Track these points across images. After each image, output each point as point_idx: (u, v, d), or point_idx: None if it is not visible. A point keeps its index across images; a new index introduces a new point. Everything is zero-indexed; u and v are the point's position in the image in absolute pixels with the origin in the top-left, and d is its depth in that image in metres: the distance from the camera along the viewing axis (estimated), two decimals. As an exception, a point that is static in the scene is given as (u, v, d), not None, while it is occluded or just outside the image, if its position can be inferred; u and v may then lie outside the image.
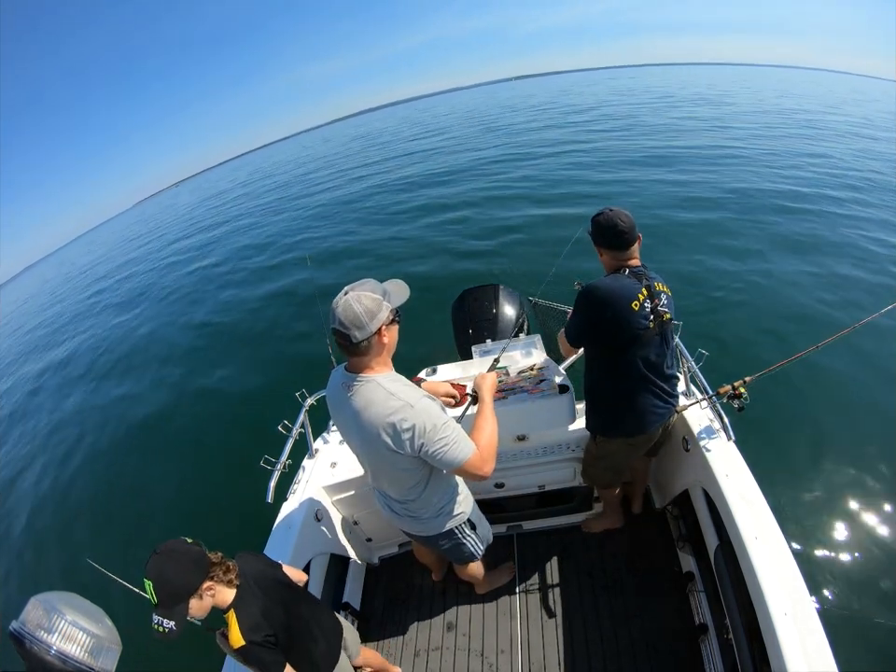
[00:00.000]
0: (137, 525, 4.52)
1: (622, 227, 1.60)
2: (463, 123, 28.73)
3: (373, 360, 1.29)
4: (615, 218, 1.61)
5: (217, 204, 27.35)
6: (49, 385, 9.18)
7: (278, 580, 1.39)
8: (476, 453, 1.30)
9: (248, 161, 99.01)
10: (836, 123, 18.96)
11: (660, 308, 1.64)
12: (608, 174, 11.63)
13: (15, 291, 45.35)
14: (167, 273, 14.11)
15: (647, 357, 1.69)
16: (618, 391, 1.78)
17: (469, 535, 1.68)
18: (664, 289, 1.68)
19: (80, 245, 76.48)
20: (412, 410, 1.23)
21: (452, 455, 1.26)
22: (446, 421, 1.27)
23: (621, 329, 1.61)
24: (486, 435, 1.37)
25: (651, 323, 1.62)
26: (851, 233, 7.08)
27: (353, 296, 1.21)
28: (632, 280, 1.63)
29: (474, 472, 1.31)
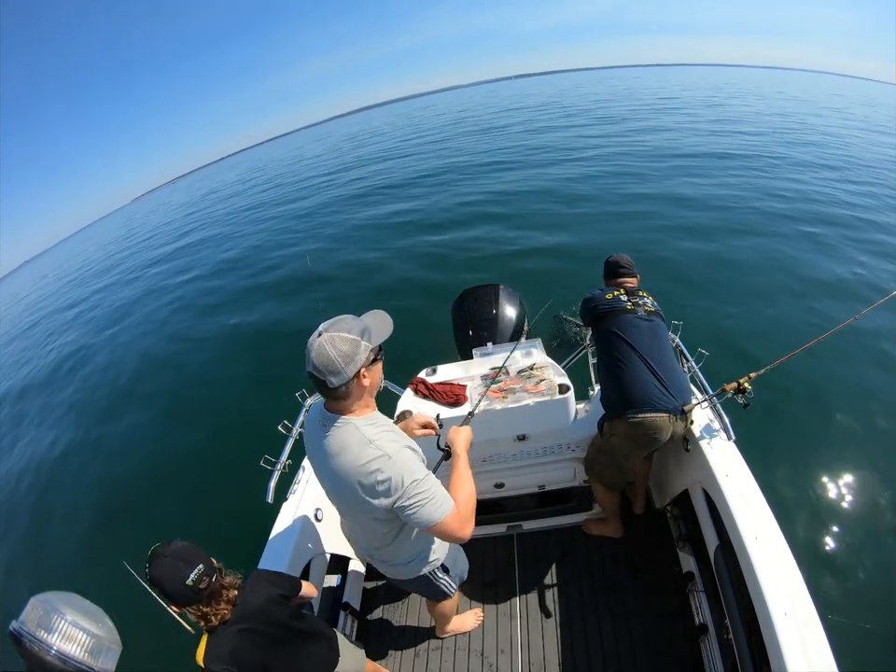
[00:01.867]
0: (137, 525, 4.51)
1: (622, 264, 2.20)
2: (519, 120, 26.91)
3: (353, 403, 1.20)
4: (620, 259, 2.22)
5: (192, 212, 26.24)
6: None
7: (277, 621, 1.31)
8: (454, 512, 1.19)
9: (240, 159, 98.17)
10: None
11: (639, 301, 2.05)
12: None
13: (12, 286, 44.89)
14: (168, 274, 14.10)
15: (636, 339, 1.93)
16: (615, 372, 1.96)
17: (442, 578, 1.62)
18: (647, 297, 2.11)
19: (77, 241, 76.10)
20: (388, 461, 1.14)
21: (427, 513, 1.16)
22: (425, 476, 1.17)
23: (598, 308, 2.07)
24: (464, 494, 1.25)
25: (629, 305, 2.03)
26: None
27: (326, 338, 1.11)
28: (613, 287, 2.16)
29: (451, 534, 1.20)
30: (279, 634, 1.30)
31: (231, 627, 1.20)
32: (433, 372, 2.25)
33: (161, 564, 1.10)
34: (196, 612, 1.16)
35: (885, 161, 11.95)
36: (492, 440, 2.12)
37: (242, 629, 1.21)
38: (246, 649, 1.20)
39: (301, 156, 39.00)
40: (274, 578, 1.40)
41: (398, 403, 2.10)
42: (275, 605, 1.31)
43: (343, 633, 2.13)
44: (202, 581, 1.12)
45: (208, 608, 1.17)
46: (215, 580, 1.17)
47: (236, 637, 1.19)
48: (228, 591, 1.22)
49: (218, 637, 1.18)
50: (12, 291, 34.50)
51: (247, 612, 1.23)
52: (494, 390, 2.00)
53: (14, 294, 30.08)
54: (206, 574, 1.14)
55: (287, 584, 1.42)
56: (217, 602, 1.19)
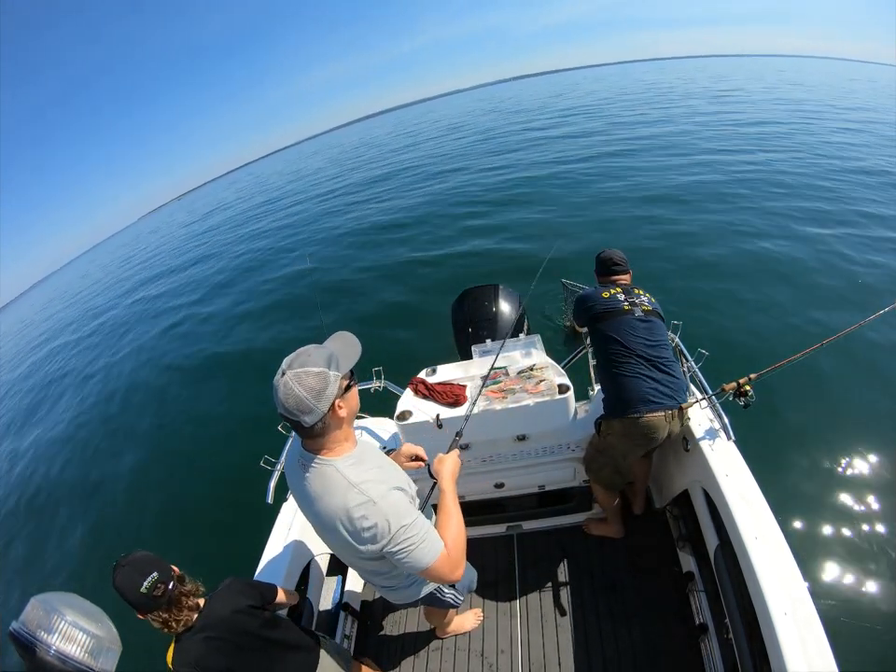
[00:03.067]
0: (136, 526, 4.52)
1: (615, 260, 2.17)
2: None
3: (331, 440, 1.13)
4: (613, 254, 2.19)
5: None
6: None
7: (245, 630, 1.30)
8: (443, 555, 1.13)
9: (241, 176, 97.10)
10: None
11: (636, 301, 2.00)
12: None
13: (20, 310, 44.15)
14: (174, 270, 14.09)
15: (633, 339, 1.91)
16: (612, 374, 1.95)
17: (449, 592, 1.60)
18: (644, 294, 2.06)
19: (84, 262, 75.42)
20: (374, 507, 1.07)
21: (416, 558, 1.10)
22: (413, 520, 1.11)
23: (595, 307, 2.03)
24: (453, 533, 1.19)
25: (626, 305, 1.98)
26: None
27: (291, 375, 1.02)
28: (608, 285, 2.13)
29: (441, 577, 1.16)
30: (246, 643, 1.29)
31: (198, 635, 1.20)
32: (433, 372, 2.25)
33: (119, 573, 1.12)
34: (157, 619, 1.17)
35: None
36: (492, 440, 2.12)
37: (208, 637, 1.21)
38: (212, 656, 1.21)
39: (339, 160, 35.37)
40: (245, 587, 1.39)
41: (398, 403, 2.10)
42: (243, 615, 1.30)
43: (342, 633, 2.14)
44: (156, 588, 1.13)
45: (167, 614, 1.17)
46: (172, 587, 1.17)
47: (202, 645, 1.20)
48: (188, 598, 1.22)
49: (185, 642, 1.20)
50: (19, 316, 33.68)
51: (212, 621, 1.24)
52: (493, 390, 2.00)
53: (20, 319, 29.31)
54: (161, 581, 1.14)
55: (257, 594, 1.41)
56: (178, 609, 1.19)
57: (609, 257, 2.17)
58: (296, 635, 1.47)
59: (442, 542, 1.15)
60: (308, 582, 2.01)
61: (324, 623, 2.04)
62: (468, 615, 2.21)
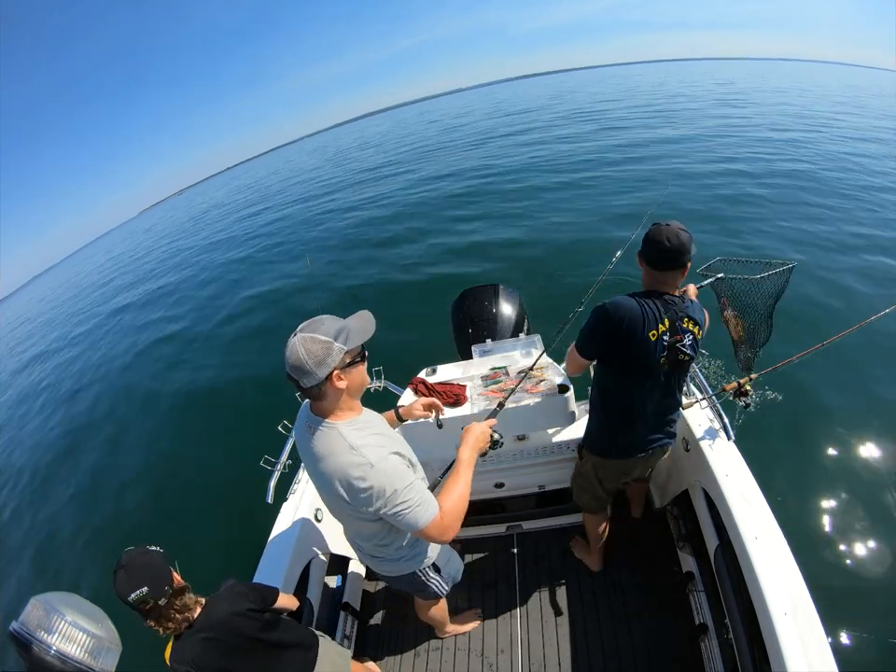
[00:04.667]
0: (136, 524, 4.52)
1: (665, 246, 1.45)
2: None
3: (333, 405, 1.20)
4: (661, 235, 1.47)
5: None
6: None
7: (242, 633, 1.30)
8: (436, 519, 1.18)
9: (238, 173, 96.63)
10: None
11: (679, 346, 1.53)
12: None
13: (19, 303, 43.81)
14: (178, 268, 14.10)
15: (647, 397, 1.64)
16: (602, 414, 1.79)
17: (433, 577, 1.61)
18: (692, 329, 1.55)
19: (82, 256, 76.05)
20: (371, 469, 1.13)
21: (411, 519, 1.16)
22: (409, 483, 1.16)
23: (628, 351, 1.53)
24: (453, 498, 1.24)
25: (662, 359, 1.53)
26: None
27: (299, 338, 1.10)
28: (658, 306, 1.52)
29: (432, 539, 1.22)
30: (243, 645, 1.29)
31: (196, 635, 1.20)
32: (433, 372, 2.25)
33: (116, 575, 1.10)
34: (148, 622, 1.17)
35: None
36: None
37: (206, 637, 1.21)
38: (209, 656, 1.21)
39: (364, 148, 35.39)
40: (246, 590, 1.38)
41: (397, 403, 2.10)
42: (241, 618, 1.30)
43: (342, 633, 2.14)
44: (143, 602, 1.11)
45: (154, 622, 1.16)
46: (163, 602, 1.14)
47: (198, 645, 1.20)
48: (179, 612, 1.20)
49: (183, 641, 1.20)
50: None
51: (211, 623, 1.24)
52: (494, 390, 2.00)
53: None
54: (150, 597, 1.11)
55: (258, 597, 1.40)
56: (165, 619, 1.17)
57: (657, 238, 1.47)
58: (294, 635, 1.47)
59: (437, 507, 1.19)
60: (308, 582, 2.01)
61: (324, 623, 2.04)
62: (468, 615, 2.21)
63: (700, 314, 1.61)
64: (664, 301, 1.53)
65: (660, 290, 1.55)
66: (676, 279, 1.55)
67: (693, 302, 1.62)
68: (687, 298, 1.62)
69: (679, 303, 1.54)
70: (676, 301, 1.54)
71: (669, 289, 1.55)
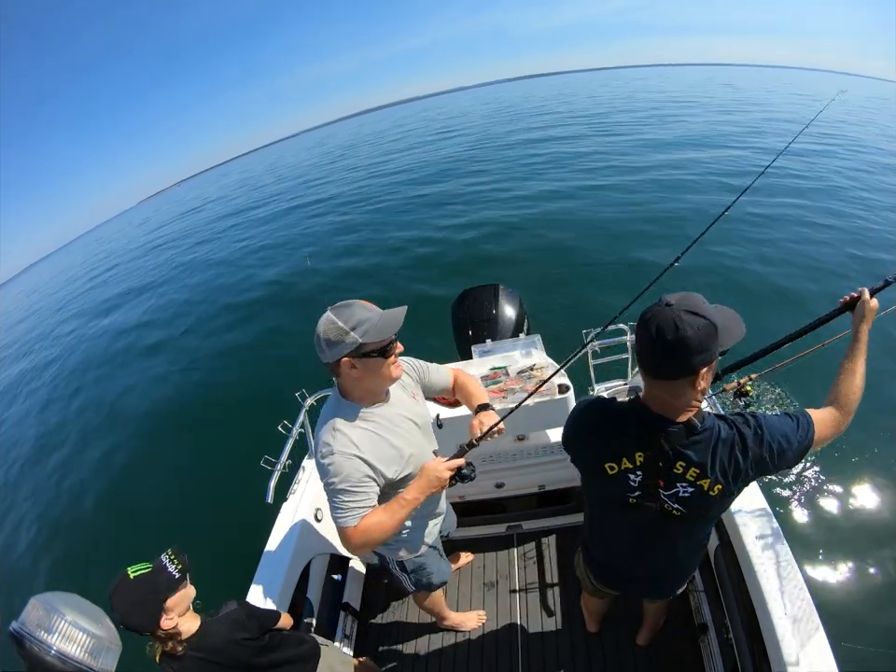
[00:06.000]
0: (136, 527, 4.52)
1: (651, 339, 0.91)
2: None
3: (349, 387, 1.27)
4: (651, 321, 0.92)
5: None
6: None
7: (237, 662, 1.28)
8: (348, 530, 1.21)
9: (240, 164, 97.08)
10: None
11: (664, 495, 1.06)
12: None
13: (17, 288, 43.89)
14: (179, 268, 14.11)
15: (622, 525, 1.24)
16: (591, 529, 1.43)
17: (398, 573, 1.64)
18: (691, 478, 1.01)
19: (80, 245, 76.29)
20: (331, 456, 1.20)
21: (334, 515, 1.23)
22: (346, 488, 1.20)
23: (589, 476, 1.24)
24: (372, 523, 1.22)
25: (633, 500, 1.11)
26: None
27: (325, 316, 1.18)
28: (630, 432, 1.05)
29: (342, 542, 1.26)
30: (239, 669, 1.28)
31: (191, 652, 1.18)
32: None
33: (111, 596, 1.08)
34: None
35: None
36: (492, 439, 2.12)
37: (200, 658, 1.20)
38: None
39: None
40: (243, 618, 1.33)
41: None
42: (237, 646, 1.28)
43: (342, 633, 2.14)
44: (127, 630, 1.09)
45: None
46: (149, 644, 1.13)
47: (194, 664, 1.19)
48: (169, 643, 1.17)
49: (176, 659, 1.18)
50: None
51: (207, 645, 1.22)
52: (494, 390, 2.00)
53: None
54: (132, 630, 1.09)
55: (255, 626, 1.35)
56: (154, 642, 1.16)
57: (644, 324, 0.94)
58: (293, 652, 1.44)
59: (354, 522, 1.21)
60: (308, 582, 2.01)
61: (324, 623, 2.04)
62: (470, 615, 2.22)
63: (726, 454, 0.99)
64: (645, 423, 1.03)
65: (649, 405, 1.03)
66: (675, 393, 0.98)
67: (715, 431, 1.00)
68: (705, 422, 1.01)
69: (675, 436, 1.00)
70: (670, 431, 1.00)
71: (662, 406, 1.01)
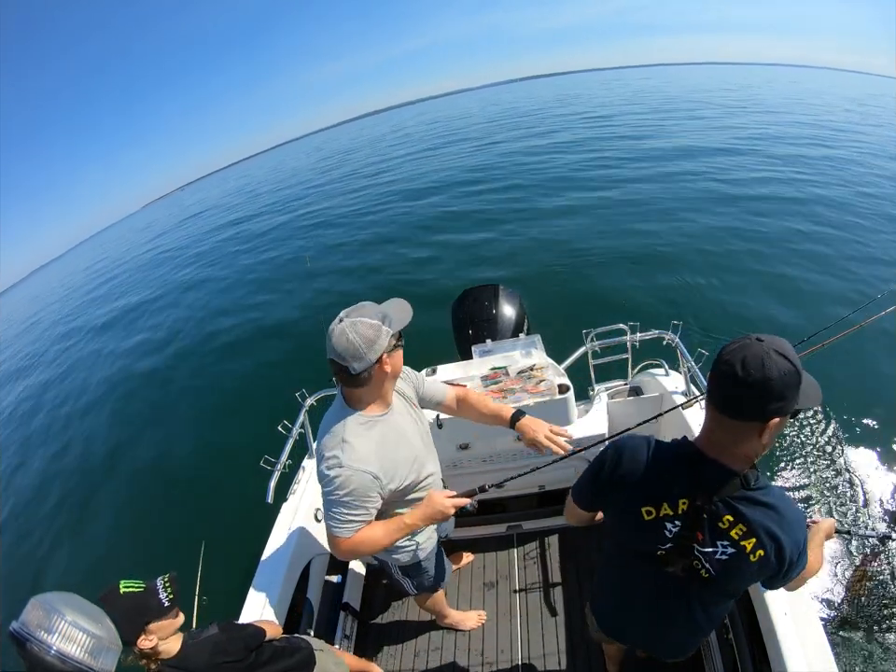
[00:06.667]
0: (136, 528, 4.52)
1: (736, 375, 0.81)
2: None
3: (373, 393, 1.23)
4: (736, 356, 0.82)
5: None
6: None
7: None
8: (339, 540, 1.21)
9: (242, 169, 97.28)
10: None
11: (697, 552, 0.96)
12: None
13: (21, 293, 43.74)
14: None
15: (637, 579, 1.14)
16: (603, 576, 1.33)
17: (399, 577, 1.64)
18: (735, 535, 0.91)
19: (84, 249, 76.43)
20: (339, 469, 1.17)
21: (328, 522, 1.21)
22: (356, 505, 1.18)
23: (614, 520, 1.13)
24: (365, 538, 1.23)
25: (661, 552, 1.00)
26: None
27: (348, 323, 1.12)
28: (678, 472, 0.95)
29: (330, 546, 1.26)
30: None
31: (174, 670, 1.17)
32: (433, 373, 2.25)
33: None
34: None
35: None
36: (492, 440, 2.12)
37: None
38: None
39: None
40: (226, 644, 1.29)
41: None
42: (217, 670, 1.25)
43: (342, 633, 2.14)
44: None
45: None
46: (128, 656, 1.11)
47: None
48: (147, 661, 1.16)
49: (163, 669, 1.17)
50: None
51: (190, 666, 1.20)
52: (494, 390, 2.00)
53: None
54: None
55: (239, 649, 1.31)
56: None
57: (729, 359, 0.83)
58: (285, 664, 1.42)
59: (349, 534, 1.21)
60: (308, 582, 2.01)
61: (324, 623, 2.04)
62: (470, 614, 2.22)
63: (780, 523, 0.90)
64: (697, 468, 0.93)
65: (704, 449, 0.93)
66: (741, 438, 0.88)
67: (769, 493, 0.92)
68: (759, 480, 0.92)
69: (728, 485, 0.90)
70: (725, 479, 0.90)
71: (721, 452, 0.91)
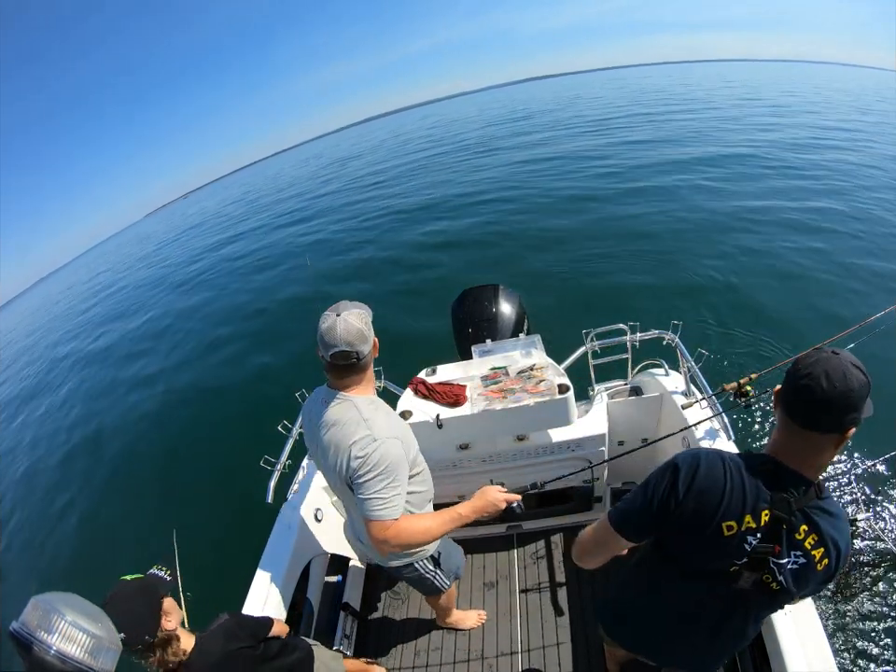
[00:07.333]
0: (136, 528, 4.52)
1: (819, 390, 0.84)
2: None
3: (364, 377, 1.30)
4: (818, 369, 0.86)
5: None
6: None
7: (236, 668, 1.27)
8: (385, 524, 1.18)
9: (243, 177, 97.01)
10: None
11: (772, 564, 0.94)
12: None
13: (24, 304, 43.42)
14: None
15: (691, 602, 1.08)
16: (637, 592, 1.25)
17: (432, 570, 1.63)
18: (808, 547, 0.92)
19: (89, 258, 76.22)
20: (373, 443, 1.20)
21: (368, 505, 1.18)
22: (392, 479, 1.19)
23: (682, 540, 1.02)
24: (415, 524, 1.24)
25: (735, 568, 0.97)
26: None
27: (346, 314, 1.21)
28: (758, 486, 0.93)
29: (370, 536, 1.22)
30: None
31: (187, 670, 1.17)
32: (433, 373, 2.25)
33: (103, 608, 1.06)
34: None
35: None
36: (492, 440, 2.12)
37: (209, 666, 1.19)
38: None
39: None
40: (237, 629, 1.32)
41: (397, 403, 2.10)
42: (233, 659, 1.26)
43: (342, 633, 2.14)
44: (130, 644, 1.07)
45: (139, 659, 1.13)
46: (141, 648, 1.11)
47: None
48: (165, 655, 1.15)
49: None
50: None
51: (205, 663, 1.20)
52: (494, 390, 2.00)
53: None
54: (126, 643, 1.06)
55: (249, 635, 1.33)
56: (151, 660, 1.13)
57: (811, 372, 0.86)
58: (292, 658, 1.44)
59: (395, 517, 1.20)
60: (308, 582, 2.01)
61: (324, 623, 2.04)
62: (470, 614, 2.22)
63: (840, 530, 0.94)
64: (776, 479, 0.93)
65: (783, 460, 0.94)
66: (820, 450, 0.91)
67: (832, 502, 0.95)
68: (826, 489, 0.94)
69: (805, 496, 0.92)
70: (799, 490, 0.92)
71: (801, 464, 0.92)
